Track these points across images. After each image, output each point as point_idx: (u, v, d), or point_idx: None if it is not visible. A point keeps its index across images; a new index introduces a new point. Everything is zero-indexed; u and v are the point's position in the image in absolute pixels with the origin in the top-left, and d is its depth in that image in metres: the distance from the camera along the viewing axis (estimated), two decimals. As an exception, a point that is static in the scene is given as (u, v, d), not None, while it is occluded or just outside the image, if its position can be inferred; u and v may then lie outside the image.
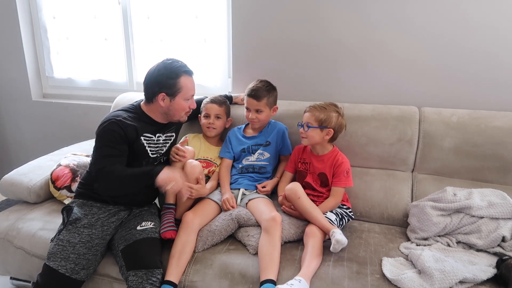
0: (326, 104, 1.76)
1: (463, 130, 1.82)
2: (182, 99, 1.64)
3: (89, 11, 2.63)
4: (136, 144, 1.62)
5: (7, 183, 1.92)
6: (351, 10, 2.05)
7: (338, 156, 1.76)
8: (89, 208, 1.62)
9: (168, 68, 1.61)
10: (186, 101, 1.66)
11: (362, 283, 1.37)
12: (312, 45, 2.16)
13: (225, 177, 1.88)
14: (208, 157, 1.97)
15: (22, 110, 2.91)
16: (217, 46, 2.43)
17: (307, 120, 1.73)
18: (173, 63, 1.63)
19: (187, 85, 1.64)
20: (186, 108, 1.68)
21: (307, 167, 1.82)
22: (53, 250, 1.49)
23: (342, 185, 1.72)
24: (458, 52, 1.95)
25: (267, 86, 1.89)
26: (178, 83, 1.61)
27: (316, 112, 1.72)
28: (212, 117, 1.95)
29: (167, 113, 1.67)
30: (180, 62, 1.66)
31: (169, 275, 1.46)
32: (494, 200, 1.59)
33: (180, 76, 1.61)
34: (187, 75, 1.64)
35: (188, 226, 1.59)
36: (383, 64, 2.07)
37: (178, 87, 1.62)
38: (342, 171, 1.73)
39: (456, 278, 1.30)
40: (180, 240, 1.55)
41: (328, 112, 1.72)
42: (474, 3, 1.88)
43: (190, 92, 1.67)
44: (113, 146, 1.55)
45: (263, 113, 1.87)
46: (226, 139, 1.99)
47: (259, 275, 1.43)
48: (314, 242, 1.51)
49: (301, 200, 1.62)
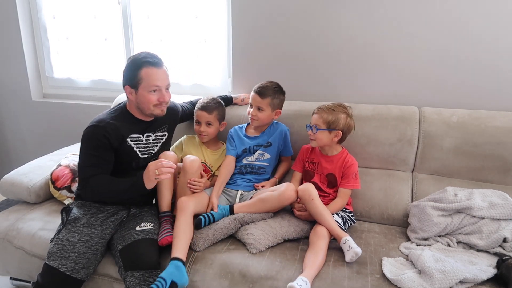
0: (335, 105, 1.75)
1: (463, 130, 1.82)
2: (145, 90, 1.58)
3: (89, 11, 2.63)
4: (123, 146, 1.61)
5: (7, 183, 1.92)
6: (351, 10, 2.05)
7: (348, 158, 1.76)
8: (87, 208, 1.63)
9: (132, 60, 1.60)
10: (151, 93, 1.59)
11: (362, 283, 1.37)
12: (313, 46, 2.16)
13: (224, 176, 1.86)
14: (205, 161, 1.96)
15: (22, 110, 2.91)
16: (217, 46, 2.42)
17: (316, 122, 1.72)
18: (139, 55, 1.61)
19: (150, 76, 1.57)
20: (153, 101, 1.60)
21: (314, 167, 1.81)
22: (53, 250, 1.49)
23: (350, 187, 1.73)
24: (458, 53, 1.95)
25: (276, 87, 1.88)
26: (138, 74, 1.57)
27: (324, 114, 1.71)
28: (203, 124, 1.92)
29: (138, 106, 1.64)
30: (146, 53, 1.60)
31: (175, 252, 1.47)
32: (495, 201, 1.58)
33: (141, 67, 1.57)
34: (149, 66, 1.57)
35: (183, 208, 1.60)
36: (384, 65, 2.07)
37: (138, 78, 1.57)
38: (351, 173, 1.73)
39: (456, 278, 1.30)
40: (179, 223, 1.57)
41: (337, 113, 1.71)
42: (474, 4, 1.88)
43: (153, 83, 1.58)
44: (97, 155, 1.56)
45: (264, 112, 1.86)
46: (229, 137, 1.97)
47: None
48: (321, 244, 1.50)
49: (314, 202, 1.60)
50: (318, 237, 1.52)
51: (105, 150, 1.57)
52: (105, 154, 1.57)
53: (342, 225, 1.62)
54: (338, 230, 1.54)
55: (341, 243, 1.50)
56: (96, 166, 1.56)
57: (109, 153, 1.58)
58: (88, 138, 1.56)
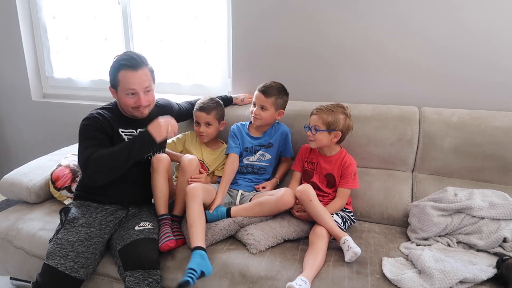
0: (333, 106, 1.74)
1: (463, 130, 1.82)
2: (123, 93, 1.59)
3: (89, 11, 2.63)
4: (116, 138, 1.62)
5: (7, 183, 1.92)
6: (351, 11, 2.05)
7: (346, 158, 1.76)
8: (86, 208, 1.63)
9: (113, 62, 1.62)
10: (128, 96, 1.59)
11: (362, 283, 1.37)
12: (313, 45, 2.16)
13: (229, 174, 1.85)
14: (203, 159, 1.96)
15: (22, 110, 2.91)
16: (217, 46, 2.42)
17: (315, 123, 1.71)
18: (120, 56, 1.61)
19: (125, 79, 1.57)
20: (131, 103, 1.60)
21: (313, 167, 1.81)
22: (52, 249, 1.49)
23: (349, 186, 1.73)
24: (458, 52, 1.95)
25: (280, 87, 1.88)
26: (117, 76, 1.58)
27: (323, 114, 1.70)
28: (202, 125, 1.92)
29: (121, 107, 1.67)
30: (127, 55, 1.60)
31: (195, 242, 1.49)
32: (495, 201, 1.58)
33: (119, 70, 1.57)
34: (126, 68, 1.56)
35: (195, 196, 1.61)
36: (383, 64, 2.07)
37: (116, 80, 1.59)
38: (350, 172, 1.73)
39: (456, 278, 1.30)
40: (192, 210, 1.58)
41: (336, 114, 1.70)
42: (474, 4, 1.88)
43: (129, 86, 1.56)
44: (93, 137, 1.57)
45: (267, 111, 1.85)
46: (231, 133, 1.95)
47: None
48: (321, 244, 1.50)
49: (312, 203, 1.60)
50: (318, 237, 1.52)
51: (101, 134, 1.58)
52: (101, 137, 1.58)
53: (341, 225, 1.62)
54: (337, 230, 1.54)
55: (341, 243, 1.50)
56: (95, 146, 1.55)
57: (104, 136, 1.59)
58: (83, 129, 1.58)
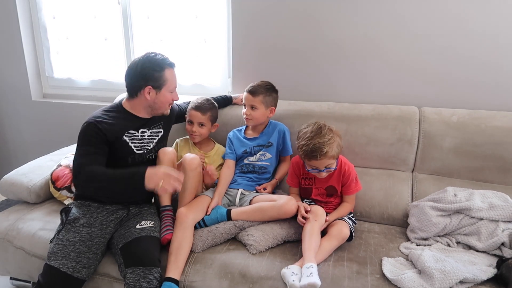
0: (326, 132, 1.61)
1: (463, 130, 1.82)
2: (167, 91, 1.68)
3: (89, 11, 2.63)
4: (118, 142, 1.62)
5: (7, 183, 1.92)
6: (351, 11, 2.05)
7: (344, 166, 1.71)
8: (87, 208, 1.63)
9: (152, 61, 1.64)
10: (171, 93, 1.71)
11: (362, 283, 1.37)
12: (313, 45, 2.16)
13: (226, 177, 1.87)
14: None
15: (22, 110, 2.91)
16: (217, 46, 2.42)
17: (327, 165, 1.63)
18: (156, 56, 1.66)
19: (172, 77, 1.69)
20: (170, 100, 1.72)
21: (311, 183, 1.77)
22: (53, 250, 1.49)
23: (354, 191, 1.73)
24: (458, 52, 1.95)
25: (267, 85, 1.90)
26: (163, 76, 1.64)
27: (330, 152, 1.59)
28: (195, 124, 1.91)
29: (152, 106, 1.69)
30: (162, 55, 1.68)
31: (169, 271, 1.46)
32: (495, 202, 1.58)
33: (164, 69, 1.65)
34: (170, 67, 1.68)
35: (182, 222, 1.59)
36: (384, 65, 2.07)
37: (163, 80, 1.65)
38: (352, 179, 1.71)
39: (456, 278, 1.30)
40: (176, 237, 1.55)
41: (333, 142, 1.61)
42: (474, 4, 1.88)
43: (174, 84, 1.71)
44: (91, 145, 1.56)
45: (257, 110, 1.87)
46: (228, 141, 1.98)
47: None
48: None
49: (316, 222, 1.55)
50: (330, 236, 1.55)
51: (100, 143, 1.58)
52: (100, 146, 1.58)
53: (352, 227, 1.64)
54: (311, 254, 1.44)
55: (305, 266, 1.38)
56: (91, 155, 1.55)
57: (104, 146, 1.59)
58: (84, 134, 1.58)
